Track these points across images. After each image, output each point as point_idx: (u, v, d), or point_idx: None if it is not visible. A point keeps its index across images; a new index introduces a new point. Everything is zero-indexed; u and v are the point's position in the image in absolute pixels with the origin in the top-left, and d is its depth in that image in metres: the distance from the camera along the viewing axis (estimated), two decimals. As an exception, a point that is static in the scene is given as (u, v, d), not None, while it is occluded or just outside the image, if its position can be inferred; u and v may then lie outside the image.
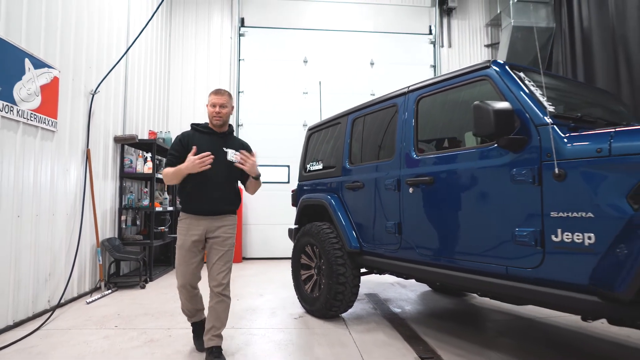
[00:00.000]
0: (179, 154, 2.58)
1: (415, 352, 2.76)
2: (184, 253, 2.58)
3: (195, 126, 2.73)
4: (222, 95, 2.64)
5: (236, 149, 2.66)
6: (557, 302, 1.96)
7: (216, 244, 2.60)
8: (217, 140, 2.65)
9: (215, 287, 2.53)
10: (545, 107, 2.06)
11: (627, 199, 1.68)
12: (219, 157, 2.56)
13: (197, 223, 2.58)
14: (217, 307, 2.53)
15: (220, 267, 2.56)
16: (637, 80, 5.51)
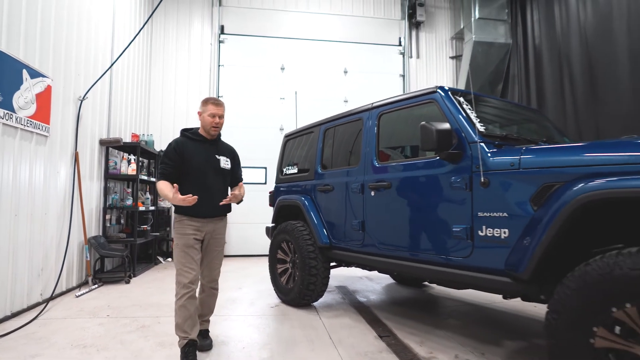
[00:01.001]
0: (174, 163, 2.63)
1: (375, 332, 3.23)
2: (189, 251, 2.60)
3: (186, 132, 2.79)
4: (221, 106, 2.75)
5: (227, 155, 2.84)
6: (483, 284, 2.46)
7: (213, 244, 2.78)
8: (209, 148, 2.76)
9: (209, 282, 2.81)
10: (477, 128, 2.56)
11: (530, 201, 2.19)
12: (214, 165, 2.73)
13: (198, 225, 2.64)
14: (208, 300, 2.85)
15: (217, 265, 2.83)
16: (579, 94, 6.20)
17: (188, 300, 2.55)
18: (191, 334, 2.56)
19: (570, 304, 1.79)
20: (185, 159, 2.65)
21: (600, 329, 1.71)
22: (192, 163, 2.66)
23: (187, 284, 2.55)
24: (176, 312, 2.57)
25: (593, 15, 5.98)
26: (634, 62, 5.29)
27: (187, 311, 2.55)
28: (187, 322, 2.55)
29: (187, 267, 2.58)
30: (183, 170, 2.66)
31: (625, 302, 1.64)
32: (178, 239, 2.65)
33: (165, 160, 2.66)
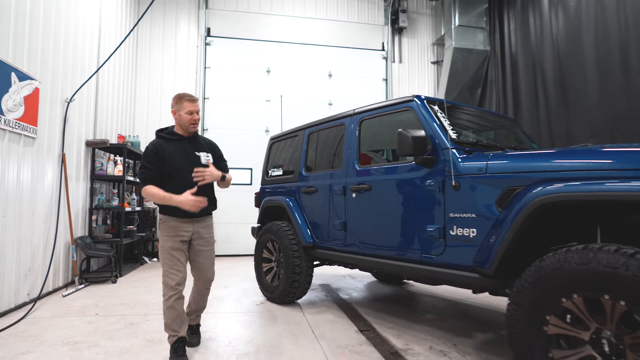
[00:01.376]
0: (154, 167, 2.58)
1: (356, 327, 3.41)
2: (174, 253, 2.60)
3: (161, 133, 2.73)
4: (196, 102, 2.71)
5: (206, 150, 2.79)
6: (454, 280, 2.66)
7: (201, 244, 2.74)
8: (187, 146, 2.71)
9: (203, 284, 2.81)
10: (449, 135, 2.76)
11: (495, 203, 2.39)
12: (195, 163, 2.67)
13: (183, 225, 2.64)
14: (199, 298, 2.88)
15: (209, 265, 2.80)
16: (551, 101, 6.51)
17: (176, 301, 2.58)
18: (180, 331, 2.62)
19: (527, 295, 2.00)
20: (165, 161, 2.59)
21: (552, 317, 1.92)
22: (173, 163, 2.61)
23: (174, 286, 2.56)
24: (165, 312, 2.60)
25: (564, 26, 6.31)
26: (600, 72, 5.61)
27: (175, 311, 2.59)
28: (176, 321, 2.60)
29: (173, 269, 2.58)
30: (165, 171, 2.61)
31: (572, 293, 1.84)
32: (164, 242, 2.62)
33: (145, 164, 2.60)
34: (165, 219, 2.65)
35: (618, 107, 5.31)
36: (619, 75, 5.34)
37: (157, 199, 2.54)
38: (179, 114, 2.67)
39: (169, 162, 2.61)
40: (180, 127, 2.71)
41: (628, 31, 5.23)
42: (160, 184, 2.58)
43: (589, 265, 1.77)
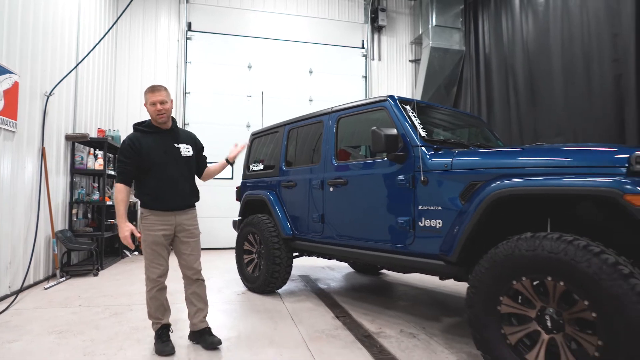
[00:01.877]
0: (131, 161, 2.56)
1: (332, 313, 3.61)
2: (156, 247, 2.62)
3: (138, 127, 2.68)
4: (159, 91, 2.60)
5: (186, 142, 2.76)
6: (423, 267, 2.88)
7: (185, 236, 2.73)
8: (166, 138, 2.67)
9: (192, 274, 2.78)
10: (419, 133, 2.97)
11: (459, 197, 2.61)
12: (174, 155, 2.65)
13: (165, 219, 2.63)
14: (198, 291, 2.81)
15: (195, 256, 2.79)
16: (521, 101, 6.84)
17: (158, 292, 2.66)
18: (163, 319, 2.71)
19: (483, 279, 2.22)
20: (142, 155, 2.56)
21: (505, 298, 2.15)
22: (151, 157, 2.58)
23: (155, 279, 2.63)
24: (147, 303, 2.68)
25: (534, 30, 6.63)
26: (565, 74, 5.95)
27: (157, 301, 2.67)
28: (159, 310, 2.69)
29: (154, 263, 2.62)
30: (143, 165, 2.58)
31: (522, 276, 2.08)
32: (145, 236, 2.63)
33: (121, 158, 2.58)
34: (146, 212, 2.65)
35: (580, 108, 5.66)
36: (581, 79, 5.68)
37: (115, 204, 2.61)
38: (147, 107, 2.62)
39: (146, 156, 2.57)
40: (152, 119, 2.66)
41: (590, 38, 5.57)
42: (138, 178, 2.63)
43: (535, 251, 2.01)
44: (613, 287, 1.74)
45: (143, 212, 2.67)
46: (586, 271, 1.82)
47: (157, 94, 2.59)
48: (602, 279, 1.77)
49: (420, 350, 2.76)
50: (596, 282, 1.79)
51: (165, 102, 2.61)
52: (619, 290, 1.73)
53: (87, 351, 2.67)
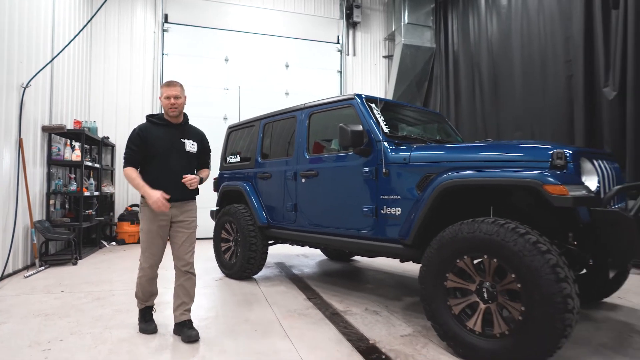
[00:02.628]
0: (137, 148, 2.68)
1: (304, 295, 3.90)
2: (152, 237, 2.71)
3: (151, 118, 2.81)
4: (174, 86, 2.73)
5: (193, 138, 2.87)
6: (384, 251, 3.20)
7: (182, 227, 2.80)
8: (174, 132, 2.79)
9: (183, 266, 2.80)
10: (382, 129, 3.26)
11: (415, 187, 2.92)
12: (178, 148, 2.76)
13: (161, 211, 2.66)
14: (185, 284, 2.82)
15: (187, 247, 2.81)
16: (485, 97, 7.26)
17: (146, 281, 2.80)
18: (148, 302, 2.89)
19: (433, 259, 2.55)
20: (148, 144, 2.69)
21: (450, 274, 2.48)
22: (156, 147, 2.70)
23: (146, 268, 2.76)
24: (137, 284, 2.83)
25: (497, 30, 7.04)
26: (525, 73, 6.39)
27: (144, 287, 2.82)
28: (145, 294, 2.84)
29: (148, 251, 2.74)
30: (147, 154, 2.70)
31: (464, 255, 2.41)
32: (143, 224, 2.74)
33: (129, 145, 2.71)
34: (145, 202, 2.71)
35: (537, 105, 6.11)
36: (538, 78, 6.13)
37: (131, 183, 2.67)
38: (161, 99, 2.75)
39: (151, 146, 2.69)
40: (165, 112, 2.78)
41: (546, 40, 6.01)
42: (142, 166, 2.73)
43: (474, 234, 2.34)
44: (533, 262, 2.09)
45: (142, 202, 2.74)
46: (513, 249, 2.16)
47: (172, 88, 2.72)
48: (525, 255, 2.12)
49: (381, 324, 3.08)
50: (520, 258, 2.13)
51: (178, 97, 2.73)
52: (537, 264, 2.08)
53: (73, 331, 2.86)
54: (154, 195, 2.57)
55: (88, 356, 2.45)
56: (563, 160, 2.26)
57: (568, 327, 2.04)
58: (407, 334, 2.86)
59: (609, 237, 2.20)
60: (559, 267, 2.06)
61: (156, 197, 2.57)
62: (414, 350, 2.57)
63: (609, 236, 2.20)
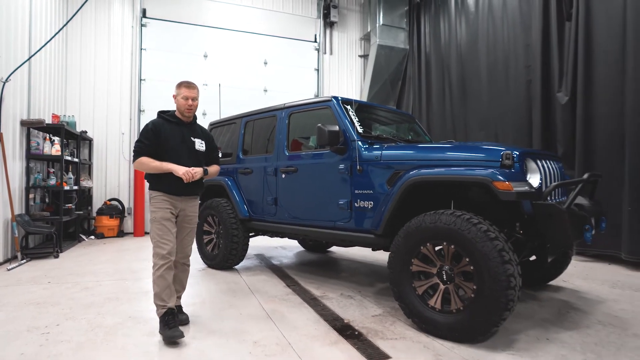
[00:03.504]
0: (150, 143, 2.76)
1: (284, 283, 4.19)
2: (166, 223, 2.75)
3: (163, 115, 2.91)
4: (193, 89, 2.87)
5: (202, 138, 3.02)
6: (358, 240, 3.52)
7: (186, 221, 2.93)
8: (185, 130, 2.92)
9: (181, 258, 2.93)
10: (357, 129, 3.56)
11: (386, 183, 3.24)
12: (189, 146, 2.90)
13: (172, 201, 2.81)
14: (181, 275, 2.97)
15: (189, 241, 2.97)
16: (455, 98, 7.69)
17: (166, 270, 2.69)
18: (169, 302, 2.68)
19: (400, 246, 2.88)
20: (161, 140, 2.78)
21: (415, 260, 2.82)
22: (168, 143, 2.80)
23: (164, 255, 2.68)
24: (154, 282, 2.69)
25: (466, 35, 7.46)
26: (489, 76, 6.84)
27: (165, 281, 2.68)
28: (165, 292, 2.68)
29: (164, 239, 2.71)
30: (159, 150, 2.79)
31: (426, 242, 2.75)
32: (155, 213, 2.77)
33: (142, 139, 2.78)
34: (155, 193, 2.81)
35: (500, 107, 6.58)
36: (501, 81, 6.59)
37: (150, 167, 2.73)
38: (177, 99, 2.86)
39: (164, 141, 2.80)
40: (179, 111, 2.90)
41: (509, 46, 6.46)
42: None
43: (436, 224, 2.68)
44: (483, 247, 2.45)
45: (152, 194, 2.82)
46: (467, 237, 2.51)
47: (192, 90, 2.86)
48: (477, 241, 2.47)
49: (355, 307, 3.40)
50: (473, 244, 2.49)
51: (195, 99, 2.89)
52: (486, 249, 2.43)
53: (68, 316, 3.05)
54: (181, 167, 2.72)
55: (86, 338, 2.65)
56: (511, 160, 2.63)
57: (511, 302, 2.41)
58: (378, 314, 3.19)
59: (546, 227, 2.59)
60: (505, 252, 2.42)
61: (185, 168, 2.72)
62: (384, 327, 2.90)
63: (546, 226, 2.58)
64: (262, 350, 2.50)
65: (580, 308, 3.31)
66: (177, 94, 2.88)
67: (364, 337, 2.73)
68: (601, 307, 3.33)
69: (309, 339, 2.69)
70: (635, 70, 4.60)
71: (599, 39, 5.03)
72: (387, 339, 2.69)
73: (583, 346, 2.54)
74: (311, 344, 2.61)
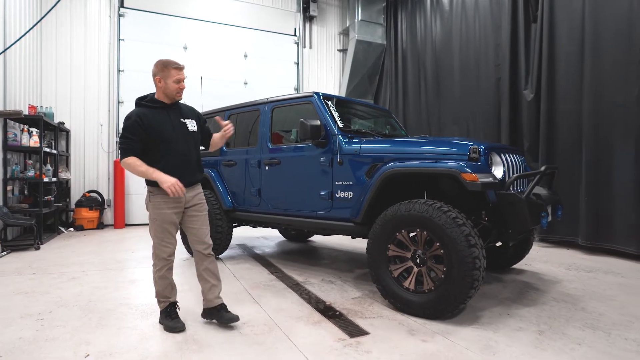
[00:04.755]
0: (138, 137, 2.49)
1: (267, 270, 4.38)
2: (166, 226, 2.59)
3: (142, 101, 2.61)
4: (182, 69, 2.63)
5: (191, 116, 2.76)
6: (338, 229, 3.74)
7: (196, 210, 2.72)
8: (173, 114, 2.64)
9: (205, 249, 2.73)
10: (337, 124, 3.77)
11: (365, 175, 3.47)
12: (182, 130, 2.63)
13: (175, 197, 2.51)
14: (210, 267, 2.77)
15: (205, 230, 2.75)
16: (429, 93, 7.99)
17: (167, 271, 2.65)
18: (171, 297, 2.71)
19: (377, 233, 3.12)
20: (152, 131, 2.51)
21: (391, 245, 3.06)
22: (160, 133, 2.54)
23: (165, 258, 2.61)
24: (156, 281, 2.66)
25: (440, 32, 7.75)
26: (462, 73, 7.16)
27: (166, 280, 2.66)
28: (167, 289, 2.68)
29: (165, 242, 2.60)
30: (151, 141, 2.53)
31: (402, 229, 3.00)
32: (156, 214, 2.58)
33: (127, 134, 2.49)
34: (155, 190, 2.58)
35: (471, 103, 6.91)
36: (473, 78, 6.92)
37: (137, 172, 2.47)
38: (165, 82, 2.56)
39: (155, 132, 2.53)
40: (166, 95, 2.61)
41: (480, 44, 6.79)
42: (145, 154, 2.54)
43: (410, 212, 2.92)
44: (452, 233, 2.71)
45: (151, 190, 2.60)
46: (438, 223, 2.77)
47: (182, 72, 2.62)
48: (447, 227, 2.73)
49: (335, 291, 3.64)
50: (443, 230, 2.74)
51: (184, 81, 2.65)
52: (455, 234, 2.70)
53: (60, 304, 3.15)
54: (168, 180, 2.44)
55: (81, 323, 2.78)
56: (477, 154, 2.90)
57: (476, 281, 2.69)
58: (357, 297, 3.44)
59: (508, 214, 2.88)
60: (471, 236, 2.69)
61: (172, 181, 2.44)
62: (362, 308, 3.14)
63: (508, 213, 2.87)
64: (252, 330, 2.69)
65: (538, 288, 3.65)
66: (164, 76, 2.56)
67: (345, 316, 2.96)
68: (557, 286, 3.69)
69: (294, 319, 2.90)
70: (592, 72, 4.99)
71: (561, 40, 5.40)
72: (366, 317, 2.93)
73: (538, 319, 2.86)
74: (296, 323, 2.82)
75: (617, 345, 2.45)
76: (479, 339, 2.53)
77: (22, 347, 2.39)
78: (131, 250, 5.36)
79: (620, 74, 4.72)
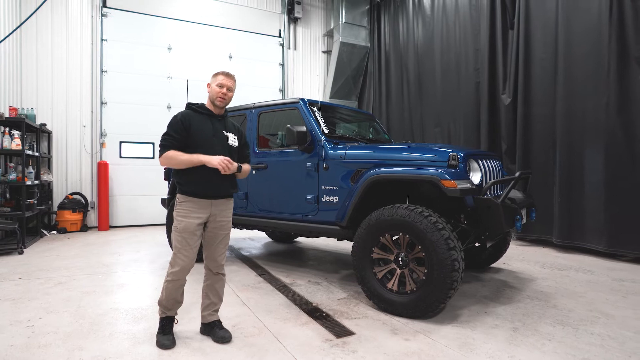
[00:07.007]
0: (179, 136, 2.51)
1: (255, 272, 4.47)
2: (187, 236, 2.52)
3: (192, 106, 2.67)
4: (231, 78, 2.66)
5: (235, 132, 2.76)
6: (324, 232, 3.86)
7: (216, 227, 2.64)
8: (217, 123, 2.66)
9: (214, 267, 2.71)
10: (323, 130, 3.88)
11: (350, 179, 3.59)
12: (222, 141, 2.64)
13: (202, 206, 2.53)
14: (216, 285, 2.76)
15: (222, 249, 2.70)
16: (412, 95, 8.17)
17: (176, 285, 2.59)
18: (172, 310, 2.65)
19: (362, 236, 3.25)
20: (191, 132, 2.54)
21: (375, 248, 3.20)
22: (200, 136, 2.56)
23: (177, 272, 2.55)
24: (163, 288, 2.61)
25: (422, 36, 7.93)
26: (443, 76, 7.36)
27: (171, 293, 2.59)
28: (170, 302, 2.61)
29: (182, 253, 2.53)
30: (189, 144, 2.53)
31: (385, 233, 3.13)
32: (178, 222, 2.54)
33: (170, 132, 2.52)
34: (183, 198, 2.55)
35: (452, 106, 7.12)
36: (454, 82, 7.12)
37: (179, 161, 2.47)
38: (211, 86, 2.64)
39: (195, 134, 2.55)
40: (210, 100, 2.66)
41: (461, 48, 6.98)
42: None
43: (393, 216, 3.06)
44: (432, 236, 2.85)
45: (179, 198, 2.57)
46: (419, 227, 2.91)
47: (229, 79, 2.66)
48: (427, 231, 2.88)
49: (322, 292, 3.76)
50: (424, 233, 2.89)
51: (231, 90, 2.66)
52: (435, 238, 2.84)
53: (49, 310, 3.17)
54: (215, 157, 2.46)
55: (72, 329, 2.82)
56: (456, 161, 3.05)
57: (455, 282, 2.84)
58: (343, 298, 3.56)
59: (484, 218, 3.04)
60: (450, 240, 2.84)
61: (220, 157, 2.45)
62: (348, 309, 3.27)
63: (485, 216, 3.04)
64: (242, 332, 2.79)
65: (515, 286, 3.85)
66: (212, 81, 2.66)
67: (331, 317, 3.08)
68: (532, 284, 3.90)
69: (282, 321, 3.01)
70: (565, 79, 5.23)
71: (536, 46, 5.63)
72: (351, 318, 3.06)
73: (513, 317, 3.04)
74: (284, 325, 2.93)
75: (583, 339, 2.64)
76: (458, 337, 2.68)
77: (15, 355, 2.42)
78: (117, 254, 5.37)
79: (591, 83, 4.97)
